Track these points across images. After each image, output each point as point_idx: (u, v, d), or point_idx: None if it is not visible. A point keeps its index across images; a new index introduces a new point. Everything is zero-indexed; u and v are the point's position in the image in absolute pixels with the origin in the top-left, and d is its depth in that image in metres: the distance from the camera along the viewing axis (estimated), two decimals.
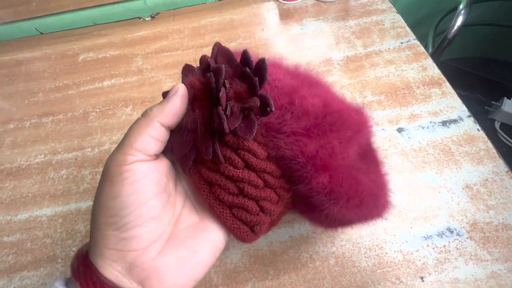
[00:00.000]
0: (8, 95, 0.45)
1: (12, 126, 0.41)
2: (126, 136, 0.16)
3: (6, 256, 0.31)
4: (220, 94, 0.15)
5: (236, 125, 0.16)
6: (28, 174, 0.36)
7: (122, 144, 0.16)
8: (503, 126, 0.56)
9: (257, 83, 0.16)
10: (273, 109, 0.16)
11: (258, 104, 0.16)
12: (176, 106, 0.16)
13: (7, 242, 0.32)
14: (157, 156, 0.17)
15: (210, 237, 0.17)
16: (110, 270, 0.15)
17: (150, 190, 0.16)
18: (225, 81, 0.16)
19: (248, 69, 0.16)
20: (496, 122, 0.56)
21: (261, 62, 0.16)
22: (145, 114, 0.16)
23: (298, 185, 0.17)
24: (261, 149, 0.17)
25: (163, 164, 0.17)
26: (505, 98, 0.54)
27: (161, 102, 0.17)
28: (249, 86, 0.16)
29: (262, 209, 0.17)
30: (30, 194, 0.35)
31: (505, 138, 0.55)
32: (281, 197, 0.18)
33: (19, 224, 0.33)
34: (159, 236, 0.16)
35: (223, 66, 0.16)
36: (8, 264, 0.30)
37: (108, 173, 0.15)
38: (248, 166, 0.17)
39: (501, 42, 0.64)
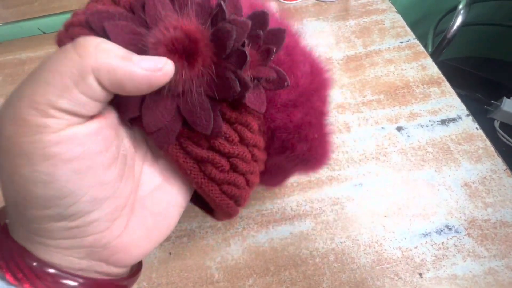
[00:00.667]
0: None
1: None
2: (37, 80, 0.10)
3: None
4: (247, 53, 0.12)
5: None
6: None
7: (36, 96, 0.09)
8: (503, 125, 0.56)
9: (273, 53, 0.14)
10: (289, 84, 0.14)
11: (275, 77, 0.14)
12: (144, 79, 0.11)
13: None
14: (94, 114, 0.11)
15: (177, 199, 0.15)
16: (60, 256, 0.11)
17: (99, 164, 0.11)
18: (245, 40, 0.13)
19: (262, 33, 0.14)
20: (495, 121, 0.56)
21: (281, 32, 0.14)
22: (81, 51, 0.10)
23: (283, 153, 0.16)
24: (255, 122, 0.15)
25: (109, 118, 0.12)
26: (505, 97, 0.55)
27: (123, 55, 0.11)
28: (262, 54, 0.14)
29: (248, 182, 0.16)
30: None
31: (505, 137, 0.55)
32: (260, 169, 0.17)
33: None
34: (120, 212, 0.13)
35: (248, 20, 0.13)
36: None
37: (17, 144, 0.09)
38: (242, 140, 0.15)
39: (501, 41, 0.65)
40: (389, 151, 0.33)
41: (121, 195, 0.12)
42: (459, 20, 0.46)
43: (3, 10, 0.55)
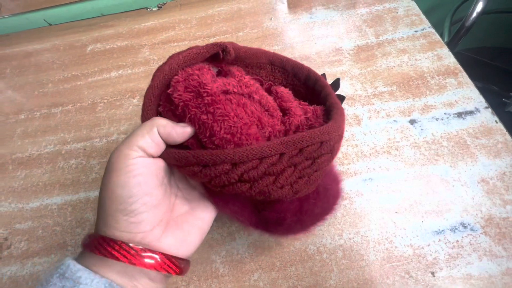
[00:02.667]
0: (19, 86, 0.46)
1: (23, 117, 0.42)
2: (132, 134, 0.19)
3: (19, 242, 0.32)
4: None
5: None
6: (38, 164, 0.37)
7: (128, 141, 0.18)
8: None
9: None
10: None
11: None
12: (178, 136, 0.20)
13: (19, 229, 0.32)
14: (155, 156, 0.20)
15: (199, 223, 0.21)
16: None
17: (152, 182, 0.19)
18: None
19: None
20: None
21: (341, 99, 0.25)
22: (152, 120, 0.20)
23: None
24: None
25: (160, 162, 0.20)
26: None
27: (172, 123, 0.20)
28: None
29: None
30: (40, 183, 0.35)
31: None
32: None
33: (30, 212, 0.33)
34: (160, 221, 0.19)
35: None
36: (20, 250, 0.31)
37: (114, 165, 0.18)
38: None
39: None
40: (401, 145, 0.32)
41: (161, 209, 0.20)
42: (479, 7, 0.43)
43: (10, 2, 0.55)
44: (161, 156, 0.20)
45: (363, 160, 0.32)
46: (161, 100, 0.22)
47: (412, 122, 0.33)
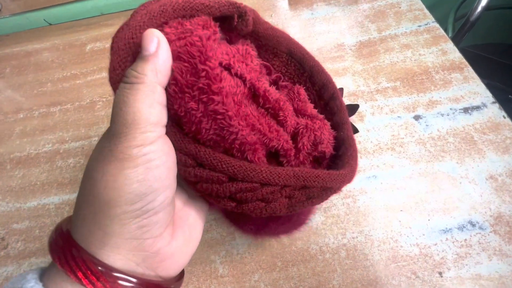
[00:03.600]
0: (18, 85, 0.45)
1: (21, 116, 0.42)
2: (134, 112, 0.13)
3: (16, 242, 0.31)
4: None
5: None
6: (36, 163, 0.37)
7: (134, 121, 0.13)
8: None
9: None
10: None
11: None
12: (167, 61, 0.14)
13: (16, 229, 0.32)
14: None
15: (200, 213, 0.18)
16: (123, 260, 0.14)
17: (173, 171, 0.15)
18: None
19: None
20: None
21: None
22: (140, 81, 0.14)
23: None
24: None
25: (168, 139, 0.15)
26: None
27: (143, 59, 0.14)
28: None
29: None
30: (38, 182, 0.35)
31: None
32: None
33: (28, 212, 0.33)
34: (171, 220, 0.16)
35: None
36: (17, 250, 0.31)
37: (126, 155, 0.13)
38: None
39: None
40: (405, 141, 0.31)
41: (174, 205, 0.16)
42: (483, 2, 0.42)
43: (10, 2, 0.55)
44: None
45: (366, 157, 0.31)
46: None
47: (417, 118, 0.32)
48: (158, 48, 0.14)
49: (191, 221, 0.17)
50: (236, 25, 0.18)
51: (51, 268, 0.14)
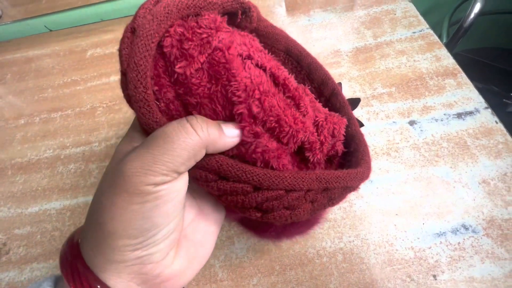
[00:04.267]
0: (19, 91, 0.46)
1: (22, 122, 0.42)
2: (164, 151, 0.13)
3: (17, 248, 0.32)
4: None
5: None
6: (38, 169, 0.37)
7: (156, 159, 0.13)
8: None
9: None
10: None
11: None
12: (230, 145, 0.15)
13: (18, 235, 0.32)
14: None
15: (211, 228, 0.17)
16: (124, 283, 0.14)
17: (180, 206, 0.15)
18: None
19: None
20: None
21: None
22: (198, 131, 0.13)
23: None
24: None
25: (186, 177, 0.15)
26: None
27: (219, 130, 0.14)
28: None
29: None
30: (40, 188, 0.35)
31: None
32: None
33: (29, 217, 0.33)
34: (175, 242, 0.15)
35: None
36: (19, 256, 0.31)
37: (139, 191, 0.13)
38: None
39: None
40: (400, 146, 0.32)
41: (178, 228, 0.15)
42: (476, 8, 0.43)
43: (11, 9, 0.56)
44: None
45: None
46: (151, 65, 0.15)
47: (412, 123, 0.33)
48: (235, 135, 0.15)
49: (199, 238, 0.16)
50: (239, 22, 0.17)
51: (62, 278, 0.15)
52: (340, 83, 0.23)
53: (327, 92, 0.21)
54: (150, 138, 0.13)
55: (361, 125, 0.22)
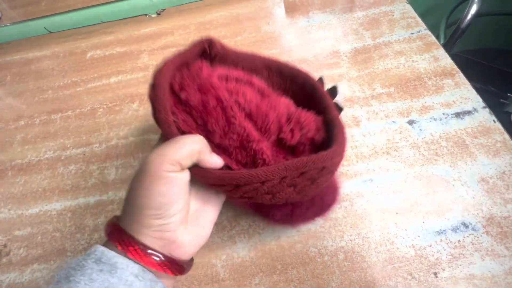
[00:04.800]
0: (19, 93, 0.46)
1: (22, 123, 0.42)
2: (171, 148, 0.19)
3: (18, 249, 0.31)
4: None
5: None
6: (38, 170, 0.37)
7: (168, 154, 0.19)
8: None
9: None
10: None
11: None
12: (210, 165, 0.21)
13: (18, 236, 0.32)
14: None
15: (210, 217, 0.23)
16: (152, 243, 0.19)
17: (186, 189, 0.21)
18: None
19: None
20: None
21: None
22: (197, 143, 0.21)
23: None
24: None
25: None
26: None
27: (210, 151, 0.21)
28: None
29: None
30: (40, 189, 0.35)
31: None
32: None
33: (30, 218, 0.33)
34: (184, 220, 0.21)
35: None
36: (19, 257, 0.31)
37: (157, 175, 0.19)
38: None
39: None
40: (400, 145, 0.32)
41: (186, 209, 0.21)
42: (473, 9, 0.44)
43: (10, 11, 0.56)
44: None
45: (362, 161, 0.32)
46: (169, 105, 0.22)
47: (411, 122, 0.33)
48: (214, 163, 0.22)
49: (202, 223, 0.23)
50: (210, 53, 0.25)
51: (106, 245, 0.20)
52: (321, 78, 0.26)
53: (309, 90, 0.26)
54: (167, 141, 0.20)
55: (340, 109, 0.26)
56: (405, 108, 0.34)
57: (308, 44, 0.43)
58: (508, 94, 0.53)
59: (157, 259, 0.19)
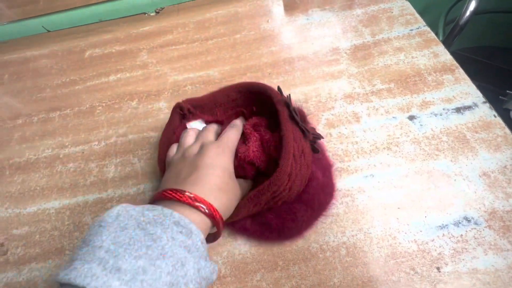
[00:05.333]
0: (17, 91, 0.46)
1: (20, 122, 0.42)
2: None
3: (15, 248, 0.31)
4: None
5: None
6: (36, 168, 0.37)
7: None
8: None
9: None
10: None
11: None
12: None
13: (16, 235, 0.32)
14: None
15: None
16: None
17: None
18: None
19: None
20: (511, 112, 0.54)
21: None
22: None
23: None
24: None
25: None
26: None
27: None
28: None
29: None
30: (38, 188, 0.35)
31: None
32: None
33: (27, 217, 0.33)
34: None
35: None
36: (17, 256, 0.30)
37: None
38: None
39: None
40: (401, 141, 0.32)
41: None
42: (472, 6, 0.44)
43: (7, 10, 0.55)
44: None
45: (363, 157, 0.31)
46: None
47: (411, 118, 0.33)
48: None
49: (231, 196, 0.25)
50: (185, 113, 0.32)
51: (158, 203, 0.22)
52: (279, 87, 0.29)
53: (275, 105, 0.28)
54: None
55: (318, 137, 0.30)
56: (405, 104, 0.34)
57: (307, 42, 0.43)
58: (507, 91, 0.53)
59: (202, 210, 0.21)
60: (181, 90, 0.41)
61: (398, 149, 0.31)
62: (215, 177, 0.23)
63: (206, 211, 0.21)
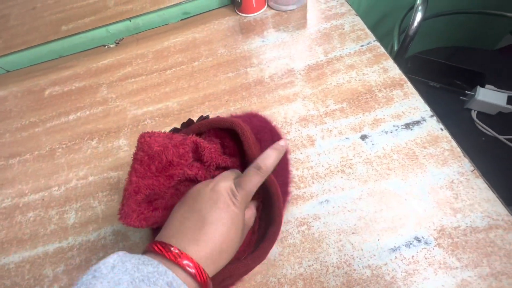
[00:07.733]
0: None
1: None
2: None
3: None
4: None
5: None
6: None
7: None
8: (480, 114, 0.55)
9: None
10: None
11: None
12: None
13: None
14: None
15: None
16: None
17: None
18: None
19: None
20: (472, 111, 0.55)
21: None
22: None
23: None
24: None
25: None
26: (478, 86, 0.54)
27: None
28: None
29: None
30: None
31: (483, 127, 0.54)
32: None
33: None
34: None
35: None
36: None
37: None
38: None
39: (469, 29, 0.63)
40: (354, 162, 0.32)
41: None
42: (418, 17, 0.45)
43: None
44: None
45: (318, 181, 0.32)
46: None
47: (363, 137, 0.34)
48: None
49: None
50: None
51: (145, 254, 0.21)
52: (207, 116, 0.31)
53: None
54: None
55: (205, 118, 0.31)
56: (357, 123, 0.35)
57: (263, 65, 0.43)
58: (467, 92, 0.55)
59: (189, 268, 0.21)
60: (140, 125, 0.41)
61: (351, 171, 0.32)
62: (219, 235, 0.22)
63: (191, 271, 0.20)
